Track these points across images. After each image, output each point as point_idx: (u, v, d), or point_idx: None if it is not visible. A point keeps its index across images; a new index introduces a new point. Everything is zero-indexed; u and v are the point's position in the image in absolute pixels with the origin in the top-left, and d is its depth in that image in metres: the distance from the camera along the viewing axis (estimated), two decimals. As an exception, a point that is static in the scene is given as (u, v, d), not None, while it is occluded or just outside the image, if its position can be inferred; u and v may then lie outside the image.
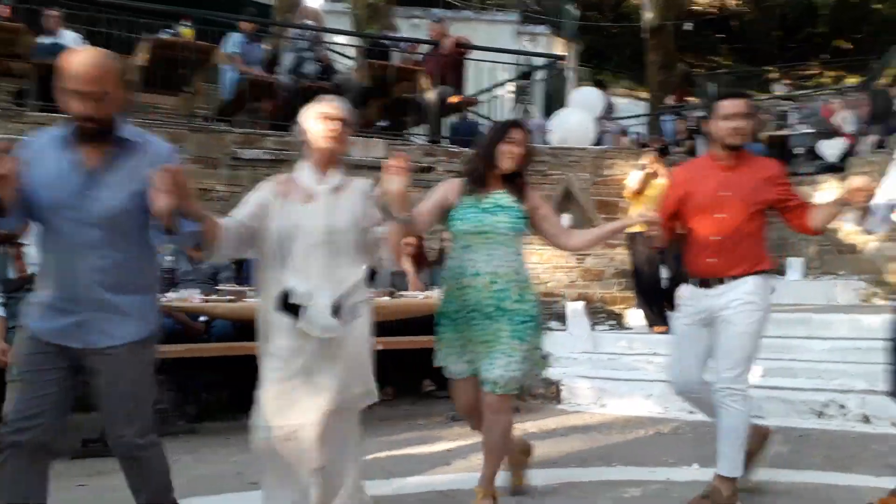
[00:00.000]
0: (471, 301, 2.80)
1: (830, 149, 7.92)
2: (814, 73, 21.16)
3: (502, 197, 2.89)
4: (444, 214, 2.92)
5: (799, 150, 8.96)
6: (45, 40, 6.41)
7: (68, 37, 6.62)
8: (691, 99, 17.93)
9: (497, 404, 2.80)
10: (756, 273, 2.96)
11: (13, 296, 4.00)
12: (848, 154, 7.96)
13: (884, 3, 17.69)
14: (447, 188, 2.95)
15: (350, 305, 2.51)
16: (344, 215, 2.54)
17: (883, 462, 3.56)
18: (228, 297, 4.36)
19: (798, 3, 18.95)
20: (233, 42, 6.96)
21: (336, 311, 2.45)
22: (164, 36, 6.64)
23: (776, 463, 3.51)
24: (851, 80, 13.89)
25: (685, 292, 3.11)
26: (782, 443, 3.39)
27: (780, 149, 9.72)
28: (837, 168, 7.61)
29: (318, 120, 2.58)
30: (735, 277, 2.93)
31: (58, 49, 6.38)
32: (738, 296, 2.90)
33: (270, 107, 6.77)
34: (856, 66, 16.56)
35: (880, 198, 2.79)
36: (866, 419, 4.46)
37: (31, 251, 4.00)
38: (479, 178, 2.91)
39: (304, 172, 2.61)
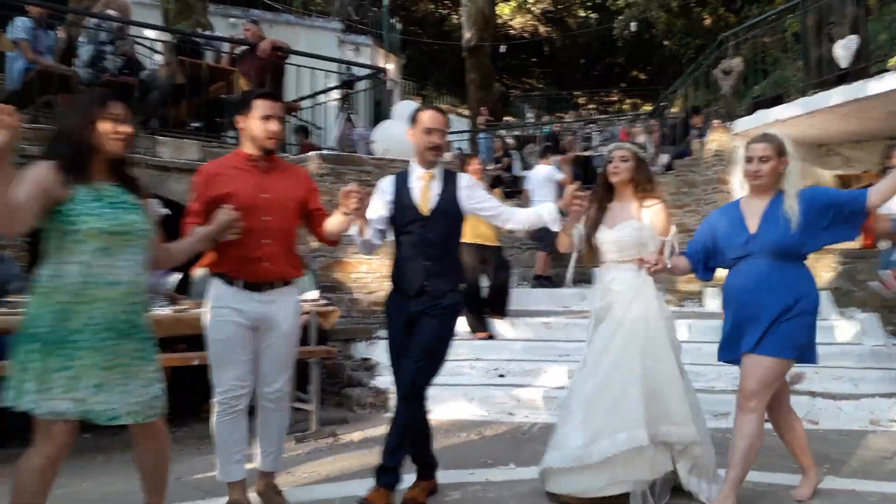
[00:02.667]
0: (98, 317, 2.31)
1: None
2: (614, 100, 23.23)
3: (118, 191, 2.45)
4: (48, 209, 2.32)
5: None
6: None
7: None
8: (508, 118, 18.89)
9: (160, 427, 2.50)
10: (294, 280, 3.09)
11: None
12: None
13: (670, 40, 19.80)
14: (42, 175, 2.30)
15: None
16: None
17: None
18: (18, 310, 3.83)
19: (598, 34, 20.67)
20: (19, 27, 6.21)
21: None
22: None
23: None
24: (646, 108, 15.37)
25: (224, 295, 2.96)
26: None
27: (584, 167, 10.53)
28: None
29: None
30: (287, 283, 3.03)
31: None
32: (286, 301, 3.02)
33: (64, 100, 6.10)
34: (649, 95, 18.40)
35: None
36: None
37: None
38: (79, 165, 2.36)
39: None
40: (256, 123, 2.96)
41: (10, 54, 6.26)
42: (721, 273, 3.25)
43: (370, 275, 6.21)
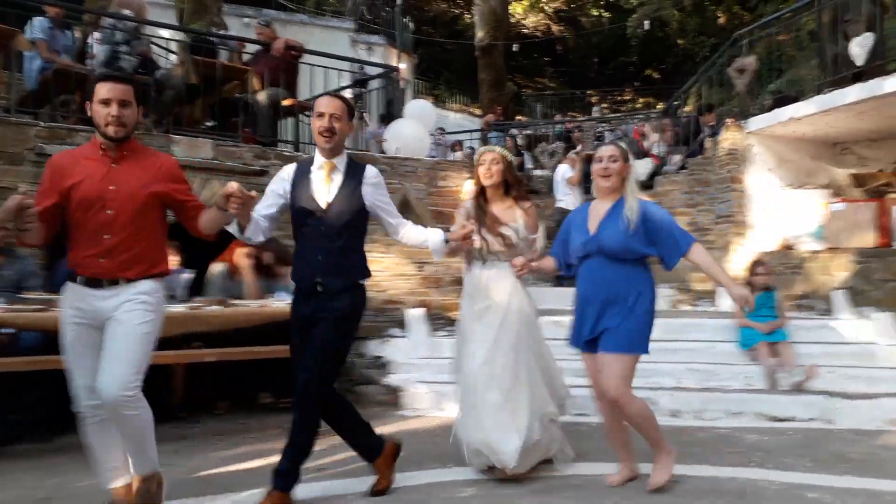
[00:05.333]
0: None
1: (640, 168, 8.63)
2: (627, 99, 23.13)
3: None
4: None
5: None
6: None
7: None
8: (520, 117, 18.86)
9: None
10: (152, 276, 2.84)
11: None
12: (655, 173, 8.73)
13: (683, 39, 19.71)
14: None
15: None
16: None
17: (688, 452, 3.87)
18: (35, 307, 3.90)
19: (612, 33, 20.61)
20: (37, 27, 6.28)
21: None
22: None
23: (598, 458, 3.73)
24: (660, 106, 15.30)
25: (69, 294, 2.81)
26: (600, 438, 3.59)
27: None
28: (647, 186, 8.30)
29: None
30: (129, 280, 2.78)
31: None
32: (131, 297, 2.76)
33: (80, 100, 6.16)
34: (663, 94, 18.31)
35: None
36: (674, 414, 4.86)
37: None
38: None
39: None
40: (96, 108, 2.74)
41: (28, 54, 6.33)
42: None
43: (382, 273, 6.23)
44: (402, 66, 12.98)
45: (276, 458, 3.08)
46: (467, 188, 6.26)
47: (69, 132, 5.51)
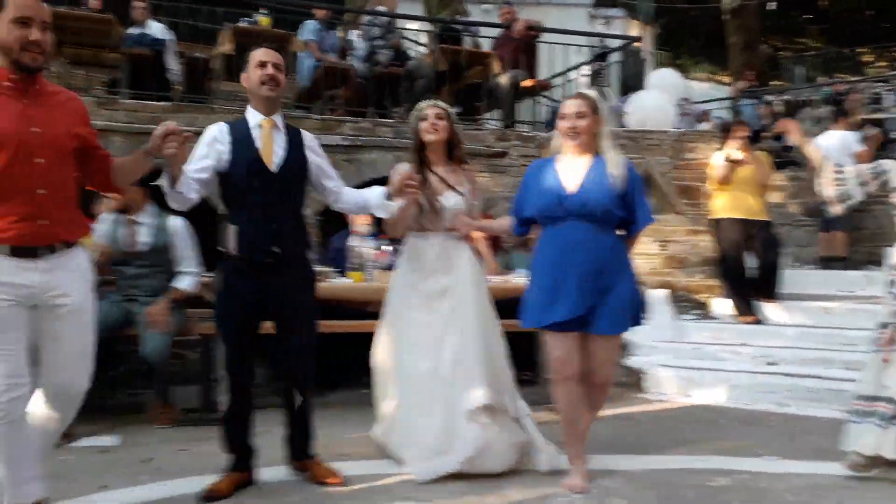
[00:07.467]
0: None
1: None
2: (910, 54, 19.90)
3: None
4: None
5: None
6: (134, 31, 6.64)
7: (155, 27, 6.84)
8: (776, 82, 17.17)
9: None
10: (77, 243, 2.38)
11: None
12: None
13: None
14: None
15: None
16: None
17: None
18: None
19: (892, -22, 17.83)
20: (308, 29, 7.04)
21: None
22: (243, 24, 6.76)
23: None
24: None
25: None
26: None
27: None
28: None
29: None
30: (69, 244, 2.33)
31: (145, 39, 6.63)
32: (77, 268, 2.35)
33: (346, 93, 6.81)
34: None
35: None
36: None
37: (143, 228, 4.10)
38: None
39: None
40: (7, 27, 2.18)
41: (301, 54, 7.13)
42: None
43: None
44: (644, 36, 12.46)
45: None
46: (716, 160, 5.85)
47: (338, 123, 6.13)
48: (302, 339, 2.88)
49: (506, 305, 3.40)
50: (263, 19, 6.80)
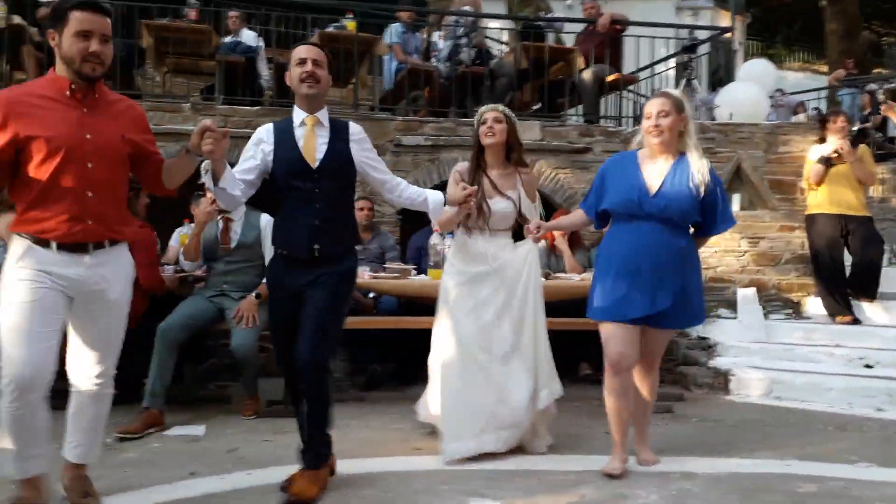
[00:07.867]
0: None
1: None
2: None
3: None
4: None
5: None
6: (228, 40, 6.98)
7: (248, 35, 7.17)
8: (879, 70, 16.22)
9: None
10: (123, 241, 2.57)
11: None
12: None
13: None
14: None
15: None
16: None
17: None
18: (394, 275, 4.53)
19: None
20: (393, 32, 7.19)
21: None
22: (330, 30, 6.99)
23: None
24: None
25: (32, 256, 2.37)
26: None
27: None
28: None
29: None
30: (114, 242, 2.51)
31: (239, 47, 6.96)
32: (120, 265, 2.53)
33: (429, 94, 6.93)
34: None
35: None
36: None
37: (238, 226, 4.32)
38: None
39: None
40: (70, 40, 2.34)
41: (385, 57, 7.29)
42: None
43: (709, 248, 5.91)
44: (735, 27, 12.03)
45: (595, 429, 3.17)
46: (813, 154, 5.61)
47: (420, 124, 6.26)
48: (316, 325, 2.74)
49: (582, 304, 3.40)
50: (350, 24, 7.00)
